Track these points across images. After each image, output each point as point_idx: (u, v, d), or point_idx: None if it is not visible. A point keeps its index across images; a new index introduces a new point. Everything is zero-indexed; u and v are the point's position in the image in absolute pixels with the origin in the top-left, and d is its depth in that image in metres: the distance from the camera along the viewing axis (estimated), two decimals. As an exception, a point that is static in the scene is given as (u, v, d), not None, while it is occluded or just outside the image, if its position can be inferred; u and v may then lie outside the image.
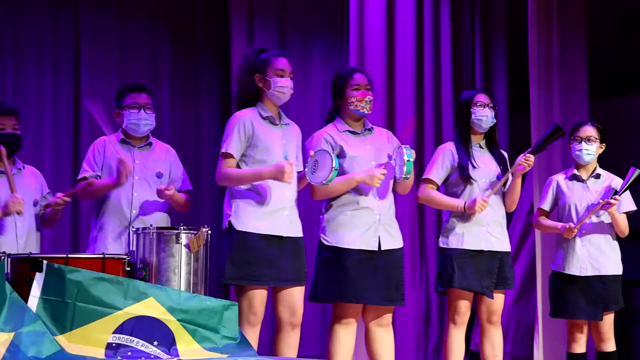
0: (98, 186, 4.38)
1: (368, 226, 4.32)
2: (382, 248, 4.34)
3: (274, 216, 4.17)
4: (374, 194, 4.35)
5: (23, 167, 4.47)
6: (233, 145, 4.17)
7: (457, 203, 4.56)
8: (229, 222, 4.18)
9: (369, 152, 4.37)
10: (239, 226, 4.15)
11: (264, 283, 4.14)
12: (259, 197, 4.17)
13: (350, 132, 4.40)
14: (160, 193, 4.35)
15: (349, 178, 4.28)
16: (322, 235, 4.36)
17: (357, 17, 6.00)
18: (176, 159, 4.59)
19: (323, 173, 4.11)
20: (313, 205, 4.88)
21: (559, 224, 4.77)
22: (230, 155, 4.17)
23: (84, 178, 4.42)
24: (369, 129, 4.46)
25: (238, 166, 4.20)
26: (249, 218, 4.15)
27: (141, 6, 6.17)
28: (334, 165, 4.09)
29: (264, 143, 4.20)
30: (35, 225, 4.40)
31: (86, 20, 6.00)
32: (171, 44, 6.25)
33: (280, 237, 4.18)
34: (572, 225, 4.71)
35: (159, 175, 4.48)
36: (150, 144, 4.53)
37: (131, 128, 4.46)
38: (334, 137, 4.37)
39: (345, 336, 4.34)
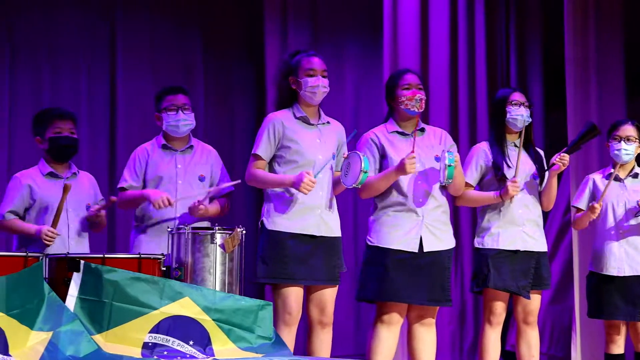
0: (129, 198, 4.43)
1: (410, 227, 4.31)
2: (425, 250, 4.32)
3: (305, 215, 4.18)
4: (418, 195, 4.34)
5: (78, 171, 4.51)
6: (262, 146, 4.21)
7: (492, 194, 4.53)
8: (261, 222, 4.22)
9: (415, 154, 4.34)
10: (270, 225, 4.18)
11: (295, 281, 4.15)
12: (290, 196, 4.19)
13: (398, 133, 4.40)
14: (192, 210, 4.36)
15: (386, 173, 4.28)
16: (367, 235, 4.38)
17: (391, 17, 5.99)
18: (218, 160, 4.59)
19: (353, 176, 4.13)
20: (348, 205, 4.89)
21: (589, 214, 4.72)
22: (259, 157, 4.21)
23: (123, 188, 4.46)
24: (421, 129, 4.45)
25: (270, 166, 4.23)
26: (279, 217, 4.18)
27: (174, 8, 6.21)
28: (362, 167, 4.09)
29: (296, 144, 4.21)
30: (86, 230, 4.45)
31: (121, 22, 6.06)
32: (204, 45, 6.28)
33: (312, 237, 4.19)
34: (594, 203, 4.66)
35: (202, 179, 4.50)
36: (191, 147, 4.55)
37: (171, 130, 4.48)
38: (379, 137, 4.38)
39: (387, 336, 4.34)
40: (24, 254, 3.71)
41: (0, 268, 3.60)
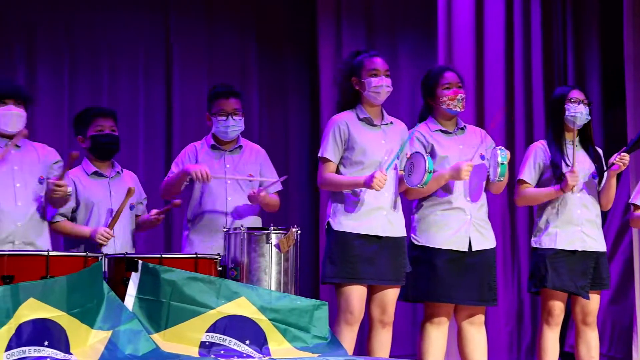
0: (172, 179, 4.43)
1: (459, 226, 4.30)
2: (473, 248, 4.31)
3: (372, 216, 4.18)
4: (466, 194, 4.33)
5: (121, 170, 4.55)
6: (329, 149, 4.21)
7: (552, 188, 4.48)
8: (328, 223, 4.24)
9: (461, 152, 4.34)
10: (337, 226, 4.19)
11: (362, 281, 4.16)
12: (356, 197, 4.19)
13: (442, 131, 4.37)
14: (252, 198, 4.39)
15: (438, 176, 4.26)
16: (412, 234, 4.36)
17: (445, 14, 5.94)
18: (266, 159, 4.62)
19: (418, 176, 4.11)
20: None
21: None
22: (328, 160, 4.22)
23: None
24: (462, 128, 4.43)
25: (338, 168, 4.24)
26: (346, 218, 4.19)
27: (229, 8, 6.25)
28: (427, 168, 4.09)
29: (361, 145, 4.21)
30: (130, 228, 4.49)
31: (176, 23, 6.12)
32: (259, 45, 6.31)
33: (379, 237, 4.19)
34: None
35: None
36: (240, 147, 4.57)
37: (219, 134, 4.50)
38: (425, 136, 4.36)
39: (437, 336, 4.32)
40: (84, 254, 3.75)
41: (60, 268, 3.64)
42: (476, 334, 4.39)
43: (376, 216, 4.20)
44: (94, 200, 4.40)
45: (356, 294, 4.16)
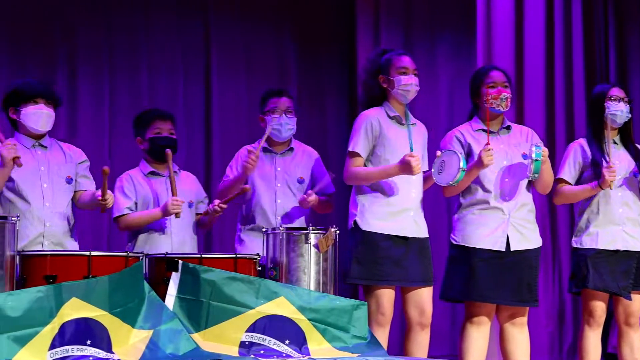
0: (226, 186, 4.45)
1: (496, 226, 4.27)
2: (512, 248, 4.28)
3: (399, 217, 4.17)
4: (504, 193, 4.29)
5: (179, 170, 4.56)
6: (360, 144, 4.20)
7: (589, 185, 4.43)
8: (355, 222, 4.21)
9: (501, 151, 4.30)
10: (364, 226, 4.17)
11: (390, 283, 4.15)
12: (384, 197, 4.18)
13: (484, 130, 4.35)
14: (301, 203, 4.40)
15: (468, 169, 4.23)
16: (452, 234, 4.35)
17: (485, 14, 5.91)
18: (319, 162, 4.60)
19: (450, 174, 4.10)
20: (442, 204, 4.86)
21: None
22: (358, 154, 4.20)
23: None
24: (507, 127, 4.40)
25: (365, 166, 4.22)
26: (374, 218, 4.17)
27: (267, 8, 6.27)
28: (461, 165, 4.07)
29: (391, 142, 4.20)
30: (189, 227, 4.48)
31: (215, 23, 6.15)
32: (297, 46, 6.32)
33: (406, 238, 4.18)
34: None
35: (300, 181, 4.52)
36: (291, 149, 4.57)
37: (273, 133, 4.51)
38: (465, 135, 4.34)
39: (477, 336, 4.30)
40: (125, 253, 3.79)
41: (102, 268, 3.68)
42: (518, 334, 4.36)
43: (404, 217, 4.18)
44: (150, 199, 4.40)
45: (386, 295, 4.16)
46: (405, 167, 4.07)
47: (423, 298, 4.23)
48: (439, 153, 4.20)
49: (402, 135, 4.24)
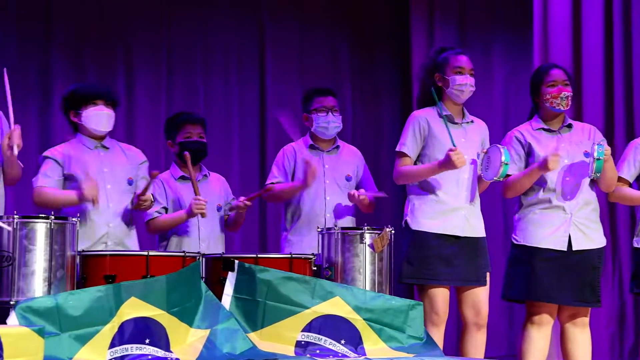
0: (282, 189, 4.48)
1: (558, 225, 4.23)
2: (574, 248, 4.23)
3: (450, 216, 4.16)
4: (565, 192, 4.24)
5: (208, 173, 4.61)
6: (408, 144, 4.21)
7: None
8: (405, 222, 4.22)
9: (562, 150, 4.25)
10: (415, 225, 4.17)
11: (440, 282, 4.14)
12: (434, 196, 4.17)
13: (544, 129, 4.31)
14: (351, 197, 4.41)
15: (529, 170, 4.21)
16: (513, 234, 4.32)
17: (541, 12, 5.83)
18: (363, 161, 4.64)
19: (494, 169, 4.07)
20: (497, 203, 4.81)
21: None
22: (405, 154, 4.21)
23: (273, 185, 4.53)
24: (568, 126, 4.35)
25: (415, 165, 4.22)
26: (423, 217, 4.17)
27: (322, 8, 6.28)
28: (503, 159, 4.04)
29: (440, 142, 4.19)
30: (218, 229, 4.54)
31: (269, 23, 6.18)
32: (351, 46, 6.33)
33: (457, 237, 4.15)
34: None
35: (348, 178, 4.54)
36: (337, 147, 4.60)
37: (319, 131, 4.54)
38: (525, 135, 4.31)
39: (538, 336, 4.27)
40: (182, 253, 3.83)
41: (159, 267, 3.72)
42: (579, 335, 4.32)
43: (455, 216, 4.17)
44: (180, 203, 4.46)
45: (440, 295, 4.15)
46: (447, 162, 4.06)
47: (479, 298, 4.20)
48: (484, 150, 4.18)
49: (454, 134, 4.22)
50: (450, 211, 4.17)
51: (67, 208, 4.02)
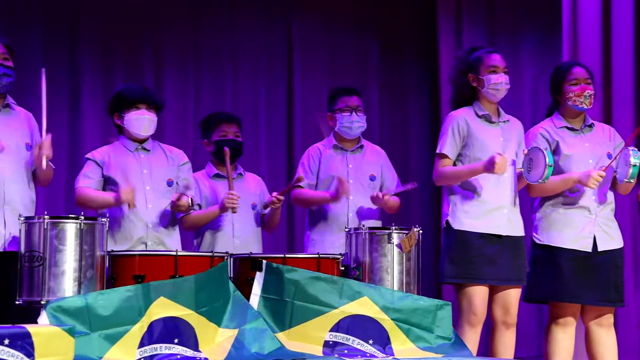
0: (312, 197, 4.49)
1: (583, 226, 4.20)
2: (599, 249, 4.21)
3: (492, 215, 4.14)
4: (592, 193, 4.22)
5: (244, 172, 4.63)
6: (447, 145, 4.19)
7: None
8: (447, 222, 4.21)
9: (586, 150, 4.24)
10: (457, 225, 4.16)
11: (483, 281, 4.13)
12: (476, 195, 4.16)
13: (567, 128, 4.28)
14: (374, 200, 4.41)
15: (566, 178, 4.19)
16: (534, 233, 4.29)
17: (570, 10, 5.79)
18: (387, 160, 4.64)
19: (538, 171, 4.05)
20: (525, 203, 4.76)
21: None
22: (445, 156, 4.20)
23: (300, 186, 4.54)
24: (589, 125, 4.32)
25: (455, 165, 4.21)
26: (466, 217, 4.16)
27: (349, 10, 6.28)
28: (547, 162, 4.01)
29: (480, 142, 4.18)
30: (253, 227, 4.55)
31: (297, 26, 6.19)
32: (379, 47, 6.32)
33: (499, 236, 4.14)
34: None
35: (372, 178, 4.55)
36: (361, 147, 4.60)
37: (343, 131, 4.55)
38: (550, 133, 4.28)
39: (563, 337, 4.24)
40: (210, 253, 3.85)
41: (188, 267, 3.73)
42: (605, 335, 4.29)
43: (497, 215, 4.15)
44: (213, 201, 4.47)
45: (479, 294, 4.13)
46: (490, 165, 4.04)
47: (509, 297, 4.19)
48: (525, 151, 4.16)
49: (491, 133, 4.21)
50: (493, 210, 4.15)
51: (108, 209, 4.05)
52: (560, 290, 4.19)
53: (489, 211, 4.14)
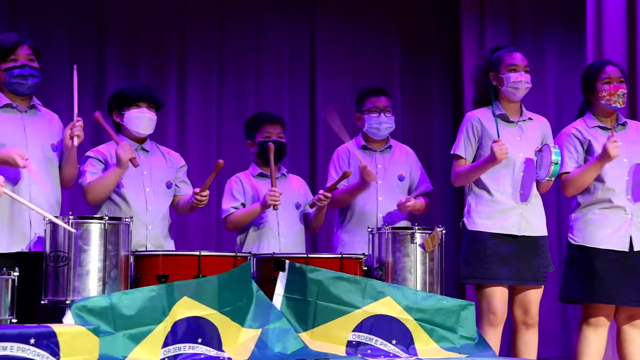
0: (343, 192, 4.48)
1: (619, 225, 4.17)
2: (635, 249, 4.17)
3: (506, 215, 4.13)
4: (627, 192, 4.18)
5: (287, 173, 4.63)
6: (461, 146, 4.21)
7: None
8: (462, 222, 4.22)
9: (620, 149, 4.19)
10: (471, 225, 4.16)
11: (499, 281, 4.11)
12: (489, 196, 4.15)
13: (600, 127, 4.26)
14: (400, 207, 4.40)
15: (591, 165, 4.15)
16: (569, 234, 4.26)
17: (595, 7, 5.75)
18: (416, 160, 4.63)
19: (545, 168, 4.03)
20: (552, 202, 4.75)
21: None
22: (460, 157, 4.21)
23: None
24: (622, 124, 4.29)
25: None
26: (479, 217, 4.15)
27: (373, 10, 6.27)
28: (552, 159, 4.01)
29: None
30: (297, 226, 4.53)
31: (320, 27, 6.19)
32: (402, 47, 6.31)
33: (514, 236, 4.12)
34: None
35: (401, 178, 4.54)
36: (390, 147, 4.60)
37: (371, 132, 4.55)
38: (582, 132, 4.26)
39: (595, 338, 4.21)
40: (233, 253, 3.86)
41: (211, 267, 3.74)
42: (637, 336, 4.26)
43: (511, 215, 4.14)
44: (258, 200, 4.44)
45: (497, 294, 4.12)
46: (491, 155, 4.03)
47: (530, 298, 4.18)
48: (538, 148, 4.15)
49: (508, 133, 4.19)
50: (506, 210, 4.14)
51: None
52: (597, 291, 4.15)
53: (503, 211, 4.13)
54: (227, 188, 4.52)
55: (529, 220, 4.17)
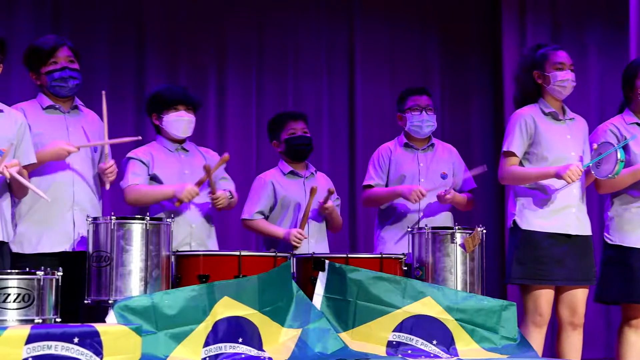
0: (382, 194, 4.49)
1: None
2: (671, 248, 4.11)
3: (561, 214, 4.09)
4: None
5: (315, 171, 4.64)
6: (515, 143, 4.15)
7: None
8: (514, 221, 4.17)
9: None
10: (524, 225, 4.12)
11: (552, 282, 4.08)
12: (545, 195, 4.11)
13: (638, 124, 4.22)
14: (440, 198, 4.39)
15: (634, 170, 4.11)
16: (605, 233, 4.21)
17: (637, 5, 5.68)
18: (459, 158, 4.62)
19: (608, 166, 3.99)
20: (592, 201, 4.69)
21: None
22: (513, 154, 4.16)
23: (369, 185, 4.54)
24: None
25: (521, 164, 4.16)
26: (534, 216, 4.11)
27: (412, 9, 6.26)
28: (619, 157, 3.96)
29: (548, 139, 4.13)
30: (323, 226, 4.55)
31: (359, 26, 6.19)
32: (442, 45, 6.28)
33: (568, 236, 4.09)
34: None
35: (444, 176, 4.52)
36: (432, 145, 4.59)
37: (413, 130, 4.54)
38: (620, 128, 4.22)
39: (636, 339, 4.18)
40: (273, 253, 3.86)
41: (251, 267, 3.76)
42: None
43: (566, 214, 4.10)
44: (290, 198, 4.48)
45: (545, 295, 4.08)
46: (563, 172, 3.99)
47: (577, 297, 4.14)
48: (595, 146, 4.10)
49: (558, 131, 4.16)
50: (561, 209, 4.11)
51: (151, 209, 4.10)
52: (633, 291, 4.11)
53: (558, 210, 4.09)
54: (255, 187, 4.54)
55: (581, 219, 4.14)
